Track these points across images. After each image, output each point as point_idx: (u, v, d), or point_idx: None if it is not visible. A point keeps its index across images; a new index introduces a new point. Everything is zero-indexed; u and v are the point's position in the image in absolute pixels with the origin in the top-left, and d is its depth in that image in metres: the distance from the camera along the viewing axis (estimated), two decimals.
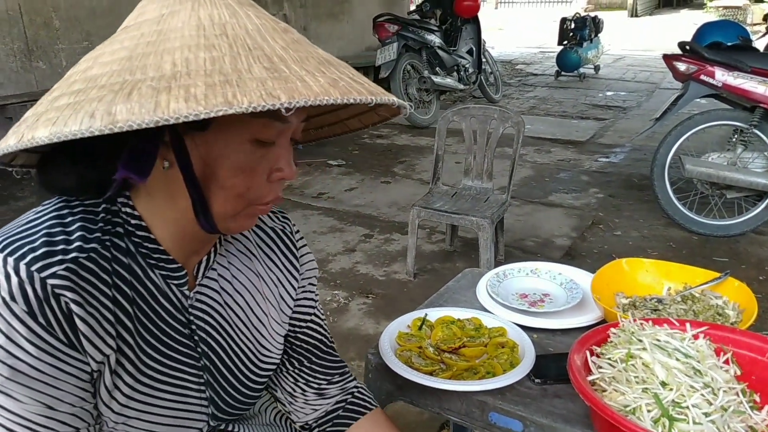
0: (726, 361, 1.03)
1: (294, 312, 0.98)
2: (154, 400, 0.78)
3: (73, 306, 0.67)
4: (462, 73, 6.89)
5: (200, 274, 0.82)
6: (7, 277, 0.64)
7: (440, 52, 6.57)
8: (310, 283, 0.99)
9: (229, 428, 0.94)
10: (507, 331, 1.31)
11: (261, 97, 0.55)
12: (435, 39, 6.56)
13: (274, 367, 0.96)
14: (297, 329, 1.00)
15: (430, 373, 1.16)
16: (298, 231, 0.98)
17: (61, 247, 0.67)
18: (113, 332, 0.71)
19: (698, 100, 3.71)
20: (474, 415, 1.13)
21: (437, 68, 6.58)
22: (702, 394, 0.91)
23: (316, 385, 1.03)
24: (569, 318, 1.36)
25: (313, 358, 1.02)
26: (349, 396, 1.06)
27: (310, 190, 4.58)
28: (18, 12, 4.91)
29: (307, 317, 1.00)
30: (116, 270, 0.72)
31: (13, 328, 0.64)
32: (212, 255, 0.84)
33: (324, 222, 3.93)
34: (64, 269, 0.66)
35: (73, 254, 0.67)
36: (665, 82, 8.59)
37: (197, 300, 0.82)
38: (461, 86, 6.85)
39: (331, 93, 0.58)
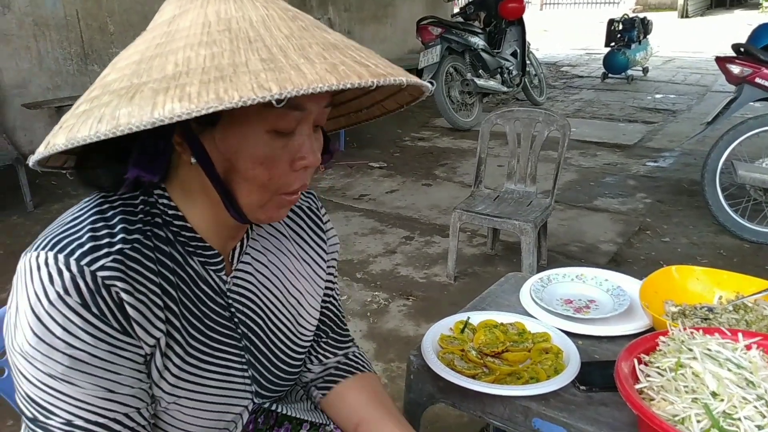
0: None
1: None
2: (200, 380, 0.81)
3: (123, 295, 0.70)
4: (506, 75, 6.82)
5: (235, 259, 0.85)
6: (59, 273, 0.67)
7: (484, 55, 6.52)
8: (333, 258, 1.02)
9: (273, 407, 0.97)
10: (551, 336, 1.30)
11: (252, 90, 0.55)
12: (479, 41, 6.52)
13: (310, 342, 1.00)
14: (321, 306, 1.03)
15: (473, 377, 1.16)
16: (322, 206, 1.01)
17: (106, 240, 0.70)
18: (162, 317, 0.75)
19: (752, 103, 3.59)
20: (517, 420, 1.12)
21: (480, 71, 6.54)
22: (755, 406, 0.88)
23: (322, 358, 1.06)
24: (616, 325, 1.34)
25: (328, 335, 1.06)
26: (343, 357, 1.08)
27: (352, 192, 4.61)
28: (75, 17, 5.11)
29: (328, 296, 1.04)
30: (159, 258, 0.75)
31: (69, 320, 0.67)
32: (246, 240, 0.87)
33: (365, 224, 3.95)
34: (111, 261, 0.69)
35: (118, 246, 0.70)
36: (717, 85, 8.31)
37: (235, 284, 0.85)
38: (504, 89, 6.79)
39: (327, 79, 0.57)
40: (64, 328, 0.66)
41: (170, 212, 0.76)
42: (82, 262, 0.67)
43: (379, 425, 0.97)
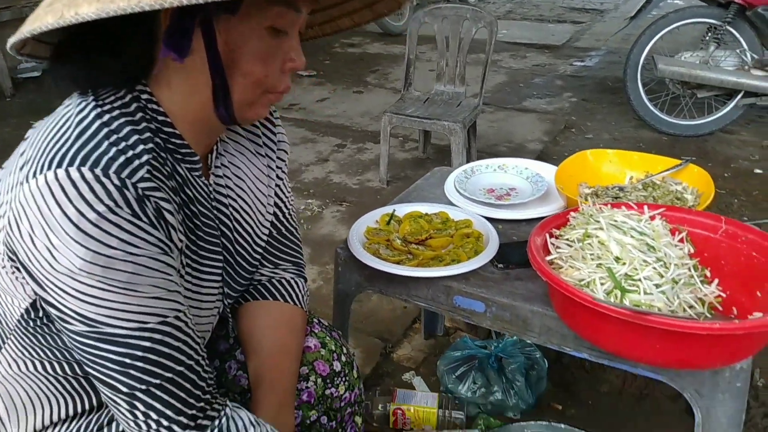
0: (681, 240, 1.07)
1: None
2: (197, 286, 0.82)
3: (162, 204, 0.70)
4: None
5: (212, 164, 0.86)
6: (104, 187, 0.64)
7: None
8: (280, 159, 1.00)
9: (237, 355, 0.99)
10: (473, 222, 1.34)
11: None
12: None
13: (266, 241, 1.00)
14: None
15: (398, 263, 1.19)
16: (275, 110, 1.01)
17: (130, 153, 0.68)
18: (181, 222, 0.75)
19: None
20: (440, 299, 1.17)
21: None
22: (654, 268, 0.95)
23: (266, 263, 1.02)
24: (534, 209, 1.39)
25: (271, 235, 1.02)
26: (274, 277, 1.04)
27: (281, 102, 4.47)
28: None
29: (278, 196, 1.01)
30: (166, 165, 0.74)
31: (126, 230, 0.65)
32: (218, 145, 0.87)
33: (296, 133, 3.87)
34: (146, 172, 0.68)
35: (145, 157, 0.69)
36: None
37: (214, 189, 0.86)
38: None
39: None
40: (121, 239, 0.65)
41: (160, 118, 0.74)
42: (123, 175, 0.65)
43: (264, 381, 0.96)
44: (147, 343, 0.68)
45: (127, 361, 0.67)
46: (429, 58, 5.03)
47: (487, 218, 1.35)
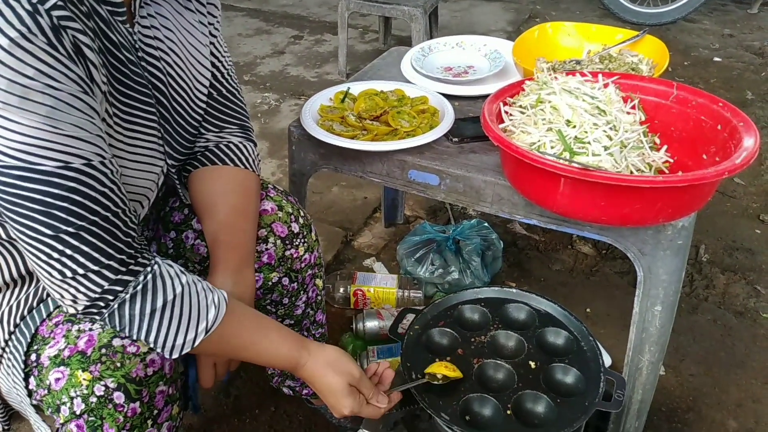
0: (633, 108, 1.07)
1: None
2: (125, 137, 0.79)
3: (79, 36, 0.65)
4: None
5: (136, 12, 0.81)
6: (13, 10, 0.60)
7: None
8: (211, 14, 0.96)
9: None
10: (429, 99, 1.31)
11: None
12: None
13: (205, 102, 0.96)
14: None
15: (352, 138, 1.17)
16: None
17: None
18: (102, 64, 0.71)
19: None
20: (395, 174, 1.17)
21: None
22: (604, 131, 0.95)
23: (209, 126, 0.99)
24: (491, 85, 1.36)
25: (212, 98, 0.98)
26: (221, 141, 1.01)
27: None
28: None
29: (214, 56, 0.97)
30: (86, 2, 0.69)
31: (42, 60, 0.61)
32: None
33: (249, 24, 3.68)
34: (60, 0, 0.63)
35: None
36: None
37: (140, 39, 0.82)
38: None
39: None
40: (38, 69, 0.61)
41: None
42: (34, 0, 0.61)
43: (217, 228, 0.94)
44: (71, 183, 0.66)
45: (50, 200, 0.65)
46: None
47: (444, 95, 1.32)
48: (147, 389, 0.75)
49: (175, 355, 0.76)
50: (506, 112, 1.03)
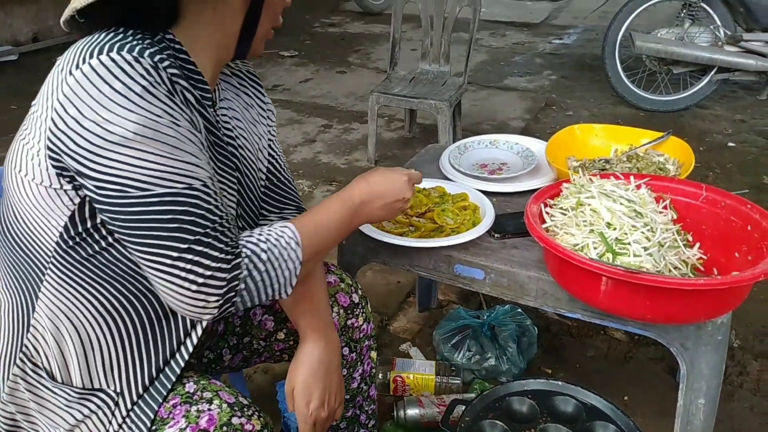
0: (665, 207, 1.15)
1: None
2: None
3: (186, 93, 0.80)
4: None
5: (216, 99, 0.95)
6: (142, 66, 0.73)
7: None
8: (270, 111, 1.09)
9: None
10: (469, 195, 1.41)
11: None
12: None
13: (264, 184, 1.07)
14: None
15: (401, 235, 1.26)
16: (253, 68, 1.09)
17: (148, 51, 0.75)
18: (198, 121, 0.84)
19: None
20: (441, 268, 1.24)
21: None
22: (642, 232, 1.03)
23: (268, 208, 1.08)
24: (525, 182, 1.46)
25: (271, 182, 1.08)
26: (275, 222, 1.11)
27: (265, 83, 4.35)
28: None
29: (272, 148, 1.08)
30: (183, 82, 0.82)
31: (166, 104, 0.74)
32: (219, 85, 0.96)
33: (282, 114, 3.89)
34: (169, 65, 0.77)
35: (158, 56, 0.76)
36: None
37: (221, 121, 0.95)
38: None
39: None
40: (164, 110, 0.74)
41: (177, 47, 0.83)
42: (154, 60, 0.74)
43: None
44: (194, 200, 0.76)
45: (180, 217, 0.74)
46: (410, 38, 5.06)
47: (482, 191, 1.42)
48: None
49: (290, 291, 0.85)
50: (548, 213, 1.12)
